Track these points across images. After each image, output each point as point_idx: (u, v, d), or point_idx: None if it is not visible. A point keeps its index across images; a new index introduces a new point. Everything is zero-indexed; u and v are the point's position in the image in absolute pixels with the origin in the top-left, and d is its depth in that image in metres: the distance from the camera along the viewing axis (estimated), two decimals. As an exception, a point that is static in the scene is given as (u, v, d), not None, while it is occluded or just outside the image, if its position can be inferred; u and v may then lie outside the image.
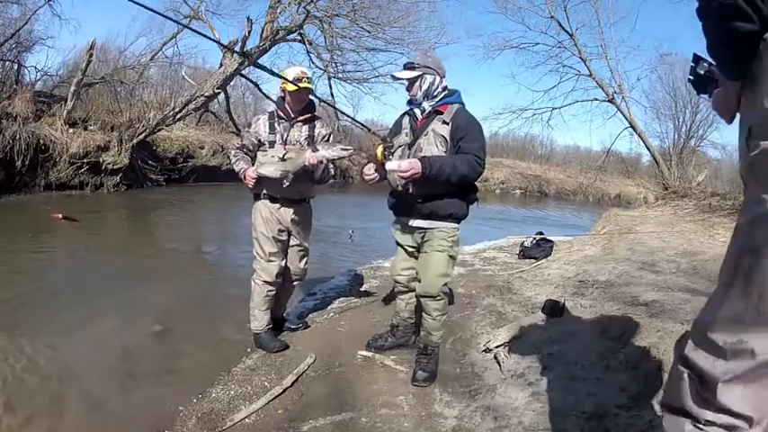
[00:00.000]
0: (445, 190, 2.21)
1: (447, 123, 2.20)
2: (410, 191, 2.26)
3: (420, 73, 2.23)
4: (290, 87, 2.46)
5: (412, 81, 2.26)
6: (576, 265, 4.35)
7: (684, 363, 0.98)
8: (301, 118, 2.60)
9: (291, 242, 2.75)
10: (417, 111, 2.33)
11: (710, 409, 0.92)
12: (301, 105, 2.59)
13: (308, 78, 2.53)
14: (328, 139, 2.65)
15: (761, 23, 0.82)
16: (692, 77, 1.20)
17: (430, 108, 2.27)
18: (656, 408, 1.69)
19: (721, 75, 1.02)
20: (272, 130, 2.59)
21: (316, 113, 2.70)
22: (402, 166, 2.11)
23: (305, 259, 2.85)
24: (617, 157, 18.58)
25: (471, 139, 2.18)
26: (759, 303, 0.86)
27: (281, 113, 2.60)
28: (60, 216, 3.35)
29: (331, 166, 2.64)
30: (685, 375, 0.97)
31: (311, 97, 2.68)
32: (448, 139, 2.19)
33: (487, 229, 8.37)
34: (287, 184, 2.48)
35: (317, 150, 2.43)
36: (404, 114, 2.43)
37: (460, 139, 2.17)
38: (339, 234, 6.32)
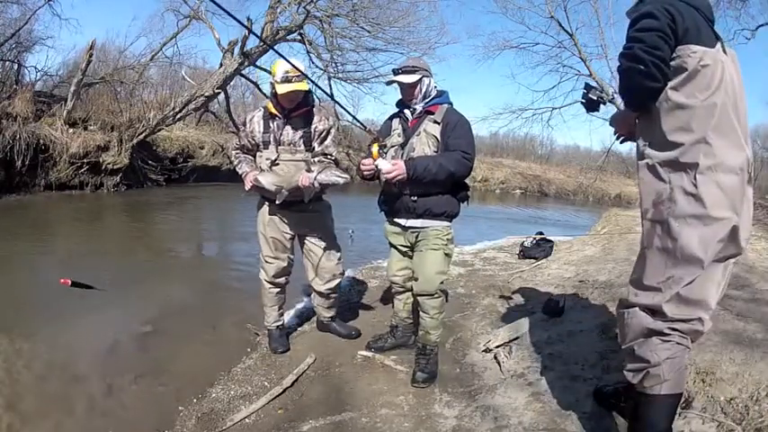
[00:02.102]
0: (437, 188, 2.22)
1: (438, 123, 2.22)
2: (404, 191, 2.26)
3: (420, 76, 2.25)
4: (280, 89, 2.29)
5: (413, 85, 2.25)
6: (576, 265, 4.34)
7: (630, 305, 1.44)
8: (295, 114, 2.43)
9: (307, 244, 2.65)
10: (407, 112, 2.33)
11: (665, 319, 1.37)
12: (293, 104, 2.40)
13: (298, 77, 2.30)
14: (326, 137, 2.49)
15: (664, 81, 1.35)
16: (584, 101, 1.72)
17: (421, 108, 2.28)
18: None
19: (626, 106, 1.53)
20: (266, 128, 2.44)
21: (314, 106, 2.51)
22: (384, 168, 2.13)
23: (335, 257, 2.69)
24: (617, 157, 18.57)
25: (458, 136, 2.19)
26: (675, 248, 1.34)
27: (274, 110, 2.43)
28: (69, 282, 2.87)
29: (332, 154, 2.46)
30: (637, 311, 1.42)
31: (310, 87, 2.46)
32: (439, 138, 2.21)
33: (487, 229, 8.37)
34: (279, 201, 2.38)
35: (311, 171, 2.32)
36: (393, 116, 2.43)
37: (449, 137, 2.20)
38: (339, 234, 6.31)
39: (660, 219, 1.37)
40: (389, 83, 2.32)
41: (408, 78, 2.24)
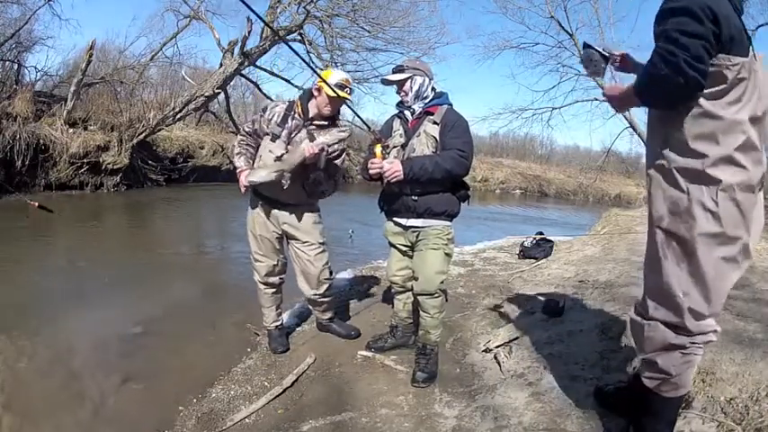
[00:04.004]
0: (436, 187, 2.23)
1: (437, 124, 2.23)
2: (404, 191, 2.26)
3: (410, 74, 2.26)
4: (330, 93, 2.29)
5: (402, 83, 2.27)
6: (576, 265, 4.34)
7: (653, 319, 1.42)
8: (317, 123, 2.40)
9: (293, 247, 2.61)
10: (407, 113, 2.34)
11: (688, 335, 1.38)
12: (332, 113, 2.41)
13: (350, 89, 2.37)
14: (337, 156, 2.48)
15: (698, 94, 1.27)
16: (588, 60, 1.61)
17: (420, 109, 2.29)
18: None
19: (644, 104, 1.44)
20: (283, 122, 2.40)
21: (338, 125, 2.49)
22: (383, 167, 2.15)
23: (321, 263, 2.61)
24: (617, 157, 18.58)
25: (455, 136, 2.20)
26: (692, 264, 1.33)
27: (300, 110, 2.40)
28: (36, 204, 3.57)
29: (338, 159, 2.45)
30: (658, 326, 1.41)
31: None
32: (438, 139, 2.22)
33: (487, 229, 8.37)
34: (286, 185, 2.32)
35: (315, 140, 2.28)
36: (394, 117, 2.44)
37: (446, 136, 2.21)
38: (339, 234, 6.32)
39: (677, 232, 1.35)
40: (385, 82, 2.35)
41: (396, 76, 2.26)
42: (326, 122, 2.44)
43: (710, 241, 1.31)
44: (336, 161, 2.52)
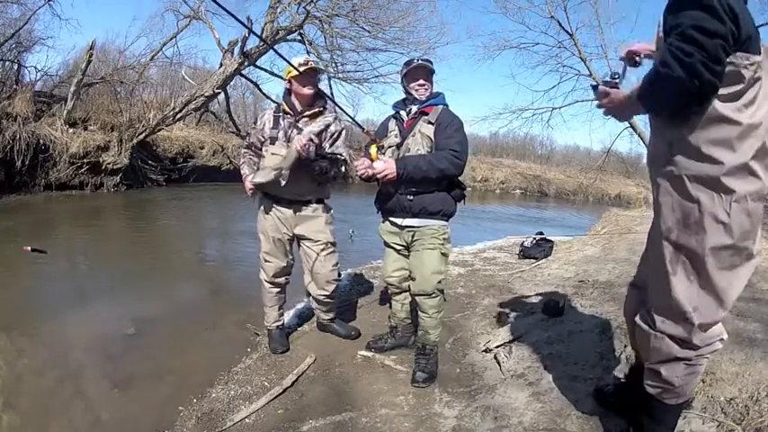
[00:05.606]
0: (431, 186, 2.23)
1: (432, 124, 2.24)
2: (400, 191, 2.26)
3: (433, 71, 2.31)
4: (295, 72, 2.30)
5: (428, 78, 2.30)
6: (576, 265, 4.34)
7: (661, 332, 1.39)
8: (308, 113, 2.46)
9: (304, 247, 2.63)
10: (403, 113, 2.35)
11: (694, 348, 1.36)
12: (308, 96, 2.43)
13: (313, 61, 2.45)
14: (338, 138, 2.53)
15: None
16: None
17: (417, 109, 2.30)
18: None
19: (646, 110, 1.34)
20: (275, 124, 2.47)
21: (327, 108, 2.54)
22: (376, 167, 2.16)
23: (330, 263, 2.65)
24: (617, 157, 18.57)
25: (448, 136, 2.21)
26: (703, 279, 1.30)
27: (287, 108, 2.48)
28: (29, 248, 3.65)
29: (342, 154, 2.49)
30: (665, 338, 1.38)
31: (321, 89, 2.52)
32: (433, 138, 2.22)
33: (487, 229, 8.37)
34: (284, 182, 2.36)
35: (301, 131, 2.35)
36: (389, 117, 2.45)
37: (440, 136, 2.22)
38: (339, 234, 6.32)
39: (687, 245, 1.30)
40: (416, 66, 2.28)
41: (431, 66, 2.30)
42: (314, 111, 2.48)
43: (721, 253, 1.27)
44: (337, 143, 2.54)
